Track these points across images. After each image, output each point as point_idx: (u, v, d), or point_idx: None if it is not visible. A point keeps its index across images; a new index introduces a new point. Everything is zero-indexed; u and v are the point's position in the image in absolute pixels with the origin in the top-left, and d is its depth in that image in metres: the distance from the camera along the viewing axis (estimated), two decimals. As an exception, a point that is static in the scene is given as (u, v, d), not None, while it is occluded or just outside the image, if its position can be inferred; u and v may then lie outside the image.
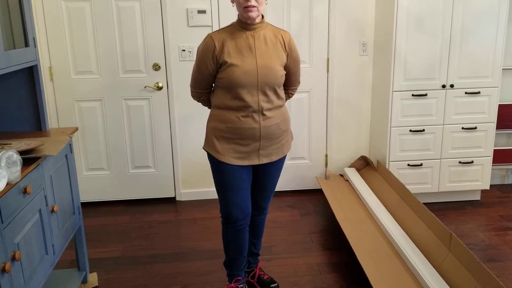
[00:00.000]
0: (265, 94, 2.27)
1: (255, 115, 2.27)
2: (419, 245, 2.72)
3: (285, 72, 2.36)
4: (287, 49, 2.34)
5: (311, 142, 4.09)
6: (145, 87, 3.77)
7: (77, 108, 3.77)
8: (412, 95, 3.59)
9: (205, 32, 3.61)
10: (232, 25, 2.32)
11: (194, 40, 3.69)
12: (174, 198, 4.07)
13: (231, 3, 2.28)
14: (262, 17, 2.31)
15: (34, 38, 2.55)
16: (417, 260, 2.56)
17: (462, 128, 3.69)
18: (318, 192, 4.00)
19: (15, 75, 2.60)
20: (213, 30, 3.62)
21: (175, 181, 4.02)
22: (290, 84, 2.47)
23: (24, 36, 2.50)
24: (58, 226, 2.44)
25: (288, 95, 2.54)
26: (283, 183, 4.07)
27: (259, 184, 2.50)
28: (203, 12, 3.66)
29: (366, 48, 3.91)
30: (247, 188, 2.42)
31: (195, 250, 3.22)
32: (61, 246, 2.46)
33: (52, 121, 3.72)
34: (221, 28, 2.35)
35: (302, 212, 3.79)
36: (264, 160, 2.38)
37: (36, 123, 2.73)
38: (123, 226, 3.61)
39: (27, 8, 2.49)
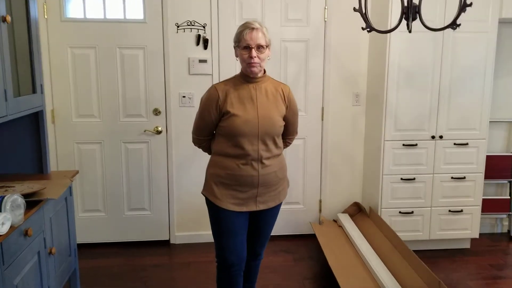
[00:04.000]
0: (265, 143, 2.37)
1: (254, 163, 2.36)
2: (410, 293, 2.77)
3: (284, 123, 2.47)
4: (286, 101, 2.46)
5: (305, 188, 4.17)
6: (144, 131, 3.87)
7: (77, 150, 3.85)
8: (403, 144, 3.71)
9: (205, 80, 3.76)
10: (235, 77, 2.45)
11: (195, 87, 3.82)
12: (169, 241, 4.09)
13: (236, 57, 2.42)
14: (264, 71, 2.44)
15: (41, 85, 2.66)
16: (408, 309, 2.60)
17: (452, 177, 3.79)
18: (312, 237, 4.04)
19: (20, 119, 2.69)
20: (214, 80, 3.77)
21: (170, 224, 4.06)
22: (288, 134, 2.59)
23: (32, 83, 2.60)
24: (55, 268, 2.47)
25: (286, 144, 2.65)
26: (277, 227, 4.08)
27: (255, 230, 2.56)
28: (204, 61, 3.81)
29: (359, 99, 4.06)
30: (243, 233, 2.49)
31: (189, 294, 3.24)
32: (58, 288, 2.49)
33: (52, 162, 3.78)
34: (225, 80, 2.48)
35: (296, 257, 3.83)
36: (261, 207, 2.45)
37: (38, 166, 2.80)
38: (117, 268, 3.62)
39: (37, 57, 2.61)
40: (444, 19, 3.51)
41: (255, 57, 2.30)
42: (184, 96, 3.85)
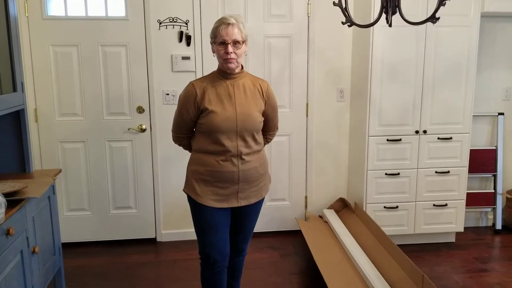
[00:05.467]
0: (244, 140, 2.37)
1: (234, 159, 2.36)
2: (393, 286, 2.79)
3: (263, 119, 2.47)
4: (265, 96, 2.46)
5: (291, 184, 4.18)
6: (128, 129, 3.86)
7: (61, 149, 3.83)
8: (387, 140, 3.73)
9: (188, 77, 3.73)
10: (213, 73, 2.45)
11: (178, 84, 3.81)
12: (155, 239, 4.08)
13: (212, 53, 2.42)
14: (242, 67, 2.44)
15: (22, 83, 2.64)
16: (391, 302, 2.62)
17: (436, 172, 3.82)
18: (298, 233, 4.05)
19: (1, 119, 2.67)
20: (198, 77, 3.75)
21: (156, 222, 4.05)
22: (268, 129, 2.59)
23: (12, 81, 2.58)
24: (38, 267, 2.46)
25: (267, 140, 2.65)
26: (263, 224, 4.12)
27: (237, 226, 2.57)
28: (187, 58, 3.80)
29: (343, 95, 4.08)
30: (225, 230, 2.49)
31: (175, 291, 3.24)
32: (41, 287, 2.47)
33: (35, 161, 3.76)
34: (203, 77, 2.48)
35: (282, 253, 3.84)
36: (243, 203, 2.46)
37: (20, 165, 2.78)
38: (103, 267, 3.60)
39: (17, 55, 2.59)
40: (426, 13, 3.53)
41: (231, 53, 2.29)
42: (167, 94, 3.84)
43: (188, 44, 3.78)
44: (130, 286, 3.31)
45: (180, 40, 3.77)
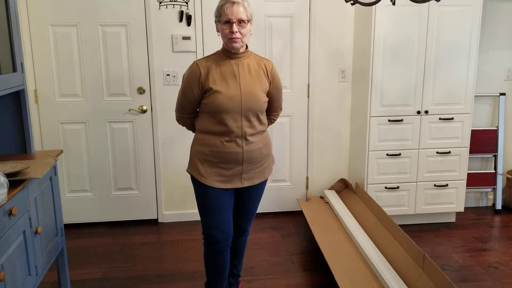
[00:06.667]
0: (248, 120, 2.36)
1: (238, 140, 2.35)
2: (394, 265, 2.81)
3: (267, 99, 2.46)
4: (269, 77, 2.44)
5: (292, 165, 4.18)
6: (129, 110, 3.84)
7: (61, 131, 3.82)
8: (389, 120, 3.72)
9: (189, 58, 3.71)
10: (217, 53, 2.42)
11: (179, 65, 3.78)
12: (157, 220, 4.10)
13: (217, 32, 2.39)
14: (246, 46, 2.42)
15: (22, 64, 2.61)
16: (392, 281, 2.64)
17: (437, 152, 3.82)
18: (299, 214, 4.07)
19: (1, 99, 2.65)
20: (198, 57, 3.73)
21: (158, 203, 4.06)
22: (272, 110, 2.58)
23: (12, 62, 2.55)
24: (41, 247, 2.47)
25: (271, 120, 2.64)
26: (264, 205, 4.13)
27: (241, 206, 2.57)
28: (188, 38, 3.76)
29: (345, 75, 4.05)
30: (229, 210, 2.49)
31: (177, 271, 3.26)
32: (44, 267, 2.49)
33: (36, 143, 3.75)
34: (207, 56, 2.45)
35: (283, 233, 3.86)
36: (246, 184, 2.46)
37: (21, 145, 2.76)
38: (105, 248, 3.63)
39: (16, 35, 2.56)
40: (429, -7, 3.49)
41: (236, 32, 2.27)
42: (168, 74, 3.81)
43: (189, 24, 3.74)
44: (133, 266, 3.34)
45: (181, 20, 3.73)
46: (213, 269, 2.58)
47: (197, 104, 2.42)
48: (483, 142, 4.25)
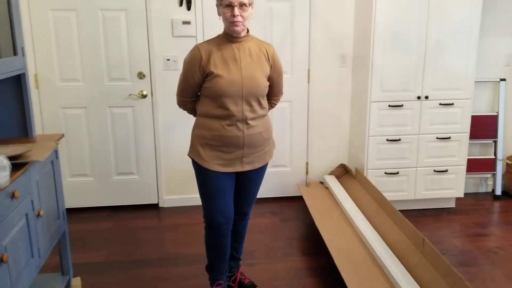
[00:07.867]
0: (249, 104, 2.36)
1: (239, 124, 2.36)
2: (394, 249, 2.83)
3: (268, 83, 2.46)
4: (270, 61, 2.44)
5: (292, 150, 4.20)
6: (129, 95, 3.84)
7: (62, 115, 3.82)
8: (389, 105, 3.73)
9: (189, 42, 3.70)
10: (218, 37, 2.42)
11: (179, 50, 3.77)
12: (157, 204, 4.12)
13: (218, 16, 2.38)
14: (248, 30, 2.41)
15: (22, 48, 2.61)
16: (392, 265, 2.66)
17: (437, 138, 3.83)
18: (299, 199, 4.09)
19: (2, 83, 2.65)
20: (199, 41, 3.71)
21: (158, 187, 4.08)
22: (273, 94, 2.58)
23: (12, 45, 2.55)
24: (43, 230, 2.48)
25: (271, 105, 2.64)
26: (265, 190, 4.15)
27: (241, 190, 2.59)
28: (188, 23, 3.75)
29: (345, 60, 4.05)
30: (230, 194, 2.51)
31: (178, 255, 3.28)
32: (46, 250, 2.50)
33: (37, 128, 3.75)
34: (208, 40, 2.44)
35: (283, 218, 3.88)
36: (247, 167, 2.47)
37: (23, 129, 2.77)
38: (107, 232, 3.65)
39: (17, 18, 2.55)
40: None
41: (237, 15, 2.26)
42: (168, 59, 3.80)
43: (189, 8, 3.72)
44: (134, 249, 3.36)
45: (181, 4, 3.71)
46: (214, 252, 2.60)
47: (198, 88, 2.42)
48: (483, 127, 4.26)
